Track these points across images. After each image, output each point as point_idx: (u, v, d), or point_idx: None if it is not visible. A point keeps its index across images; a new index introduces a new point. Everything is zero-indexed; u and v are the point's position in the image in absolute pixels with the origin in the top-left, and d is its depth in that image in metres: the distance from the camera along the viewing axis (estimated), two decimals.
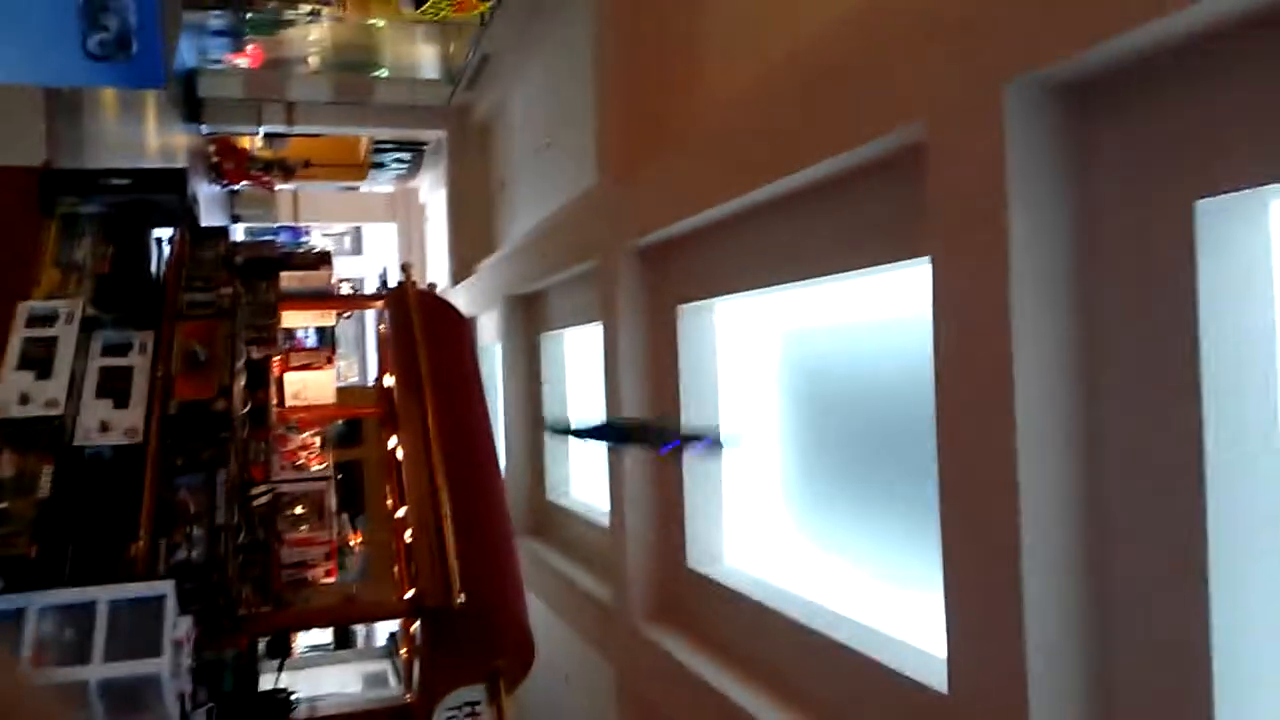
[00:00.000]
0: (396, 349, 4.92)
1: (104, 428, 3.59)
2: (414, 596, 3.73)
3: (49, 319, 3.76)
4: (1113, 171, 2.77)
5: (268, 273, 4.79)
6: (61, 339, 3.69)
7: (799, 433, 4.96)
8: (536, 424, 9.32)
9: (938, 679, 3.51)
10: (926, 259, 3.28)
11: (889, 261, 3.86)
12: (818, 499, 4.75)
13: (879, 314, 4.31)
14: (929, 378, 3.21)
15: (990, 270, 2.94)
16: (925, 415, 3.25)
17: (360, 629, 16.09)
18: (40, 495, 3.22)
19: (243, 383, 4.07)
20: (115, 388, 3.76)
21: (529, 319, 9.49)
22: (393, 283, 5.43)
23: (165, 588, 3.09)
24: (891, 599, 4.07)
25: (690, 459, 4.94)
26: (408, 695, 4.26)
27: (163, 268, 4.47)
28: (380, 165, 14.40)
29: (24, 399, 3.48)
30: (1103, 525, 2.90)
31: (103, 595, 3.04)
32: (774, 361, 5.14)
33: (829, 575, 4.51)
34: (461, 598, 3.55)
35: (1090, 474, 2.89)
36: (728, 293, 5.22)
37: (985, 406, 2.94)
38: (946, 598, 3.17)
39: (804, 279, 4.48)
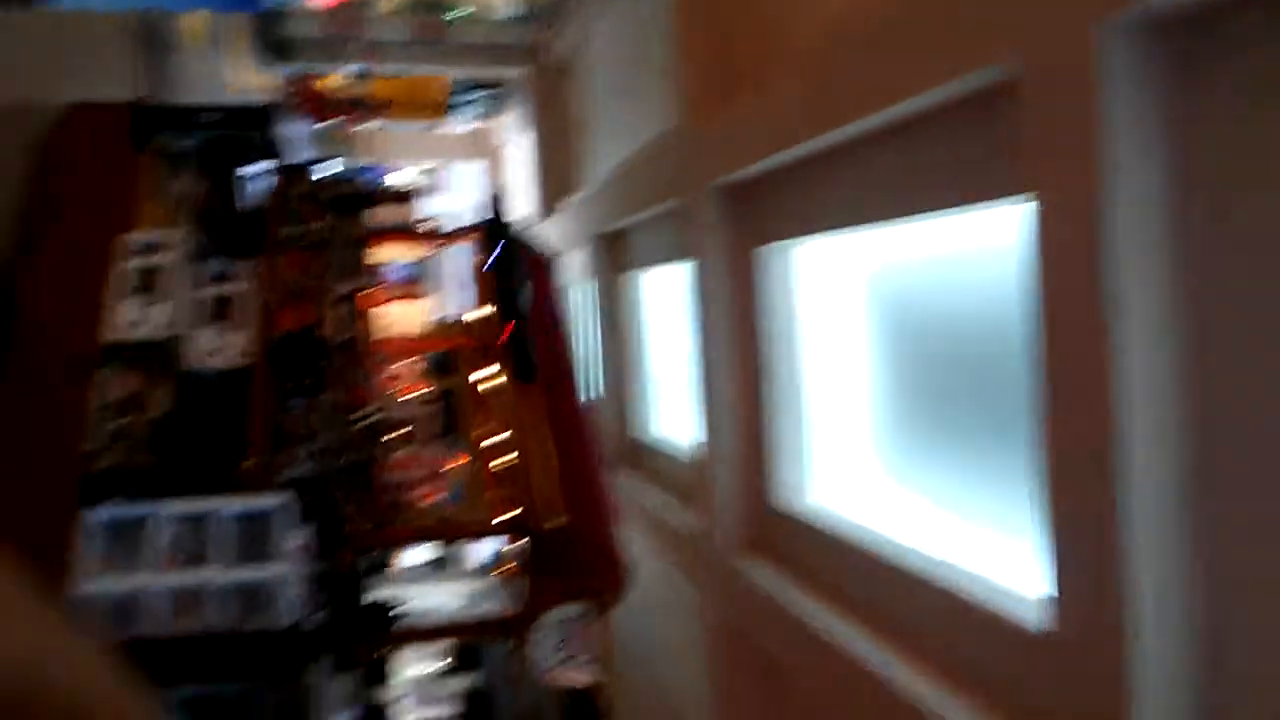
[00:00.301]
0: (483, 281, 4.98)
1: (212, 352, 3.73)
2: (512, 518, 3.81)
3: (154, 249, 3.90)
4: (1219, 109, 2.64)
5: (356, 208, 4.87)
6: (167, 267, 3.83)
7: (886, 373, 4.89)
8: (621, 361, 9.40)
9: (1033, 617, 3.47)
10: (1021, 198, 3.18)
11: (980, 201, 3.73)
12: (905, 440, 4.69)
13: (965, 246, 4.19)
14: (1018, 308, 3.13)
15: (1088, 210, 2.83)
16: (1016, 349, 3.17)
17: (456, 553, 16.58)
18: (154, 414, 3.35)
19: (339, 312, 4.17)
20: (220, 314, 3.89)
21: (614, 257, 9.51)
22: (478, 218, 5.48)
23: (281, 500, 3.22)
24: (977, 540, 4.01)
25: None
26: (506, 612, 4.39)
27: (256, 201, 4.58)
28: (459, 105, 14.47)
29: (135, 323, 3.62)
30: (1211, 464, 2.81)
31: (222, 505, 3.18)
32: (859, 301, 5.05)
33: (913, 513, 4.47)
34: (559, 520, 3.62)
35: (1200, 412, 2.80)
36: (809, 234, 5.14)
37: (1085, 342, 2.86)
38: (1045, 534, 3.12)
39: (889, 220, 4.37)
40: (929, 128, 4.00)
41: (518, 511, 3.79)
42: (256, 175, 4.77)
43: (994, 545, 3.89)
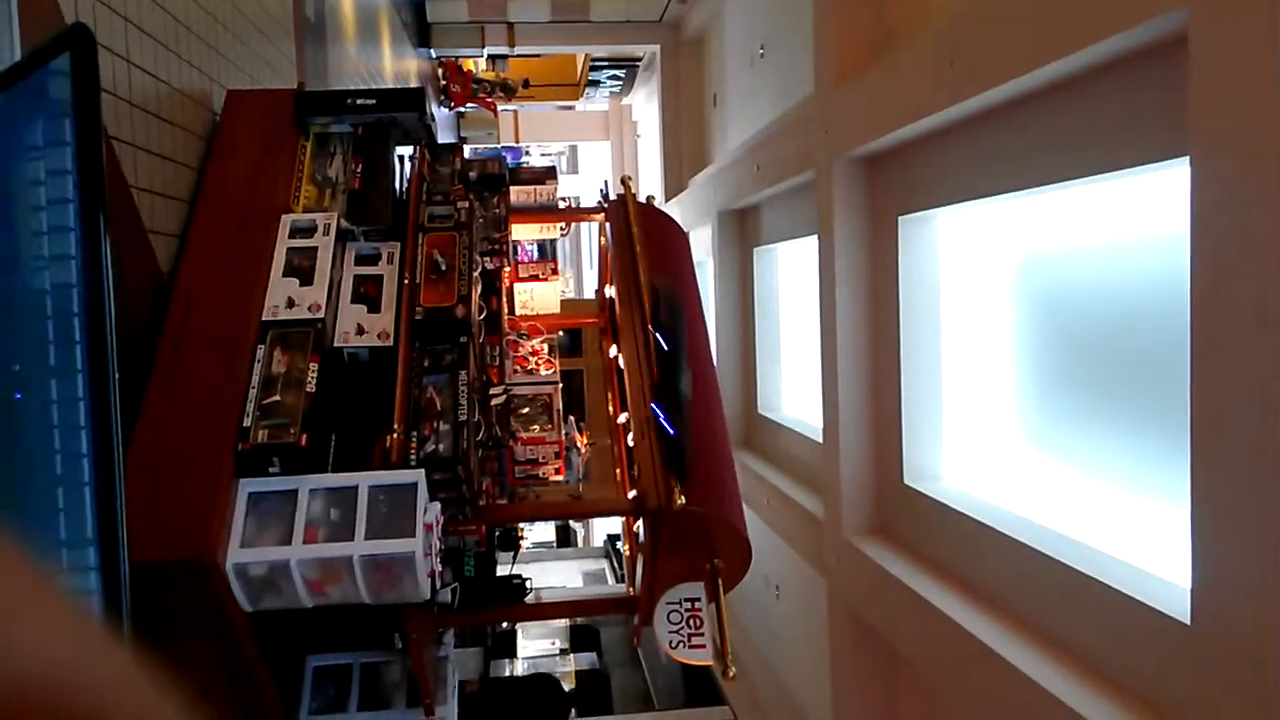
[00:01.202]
0: (617, 260, 5.03)
1: (359, 331, 3.90)
2: (637, 497, 3.87)
3: (309, 231, 4.08)
4: None
5: (497, 187, 4.99)
6: (320, 249, 4.00)
7: (1034, 351, 4.73)
8: (748, 339, 9.36)
9: (1178, 608, 3.34)
10: (1184, 160, 3.03)
11: (1138, 164, 3.58)
12: (1057, 418, 4.54)
13: (1124, 234, 4.01)
14: (1173, 293, 2.99)
15: (1258, 172, 2.67)
16: (1179, 337, 3.03)
17: (580, 531, 16.96)
18: (308, 390, 3.53)
19: (479, 291, 4.29)
20: (367, 294, 4.06)
21: (742, 233, 9.46)
22: (613, 196, 5.53)
23: (417, 476, 3.36)
24: (1134, 513, 3.86)
25: None
26: (630, 589, 4.47)
27: (405, 183, 4.74)
28: (595, 83, 14.59)
29: (290, 303, 3.82)
30: None
31: (363, 480, 3.34)
32: (1007, 285, 4.89)
33: (1065, 491, 4.33)
34: (681, 500, 3.66)
35: None
36: (954, 201, 5.00)
37: (1249, 315, 2.71)
38: (1194, 524, 2.99)
39: (1038, 185, 4.22)
40: (1079, 90, 3.84)
41: (637, 492, 3.84)
42: (407, 157, 4.95)
43: (1143, 513, 3.74)
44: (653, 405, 3.98)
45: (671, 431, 3.86)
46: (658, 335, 4.25)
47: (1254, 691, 2.77)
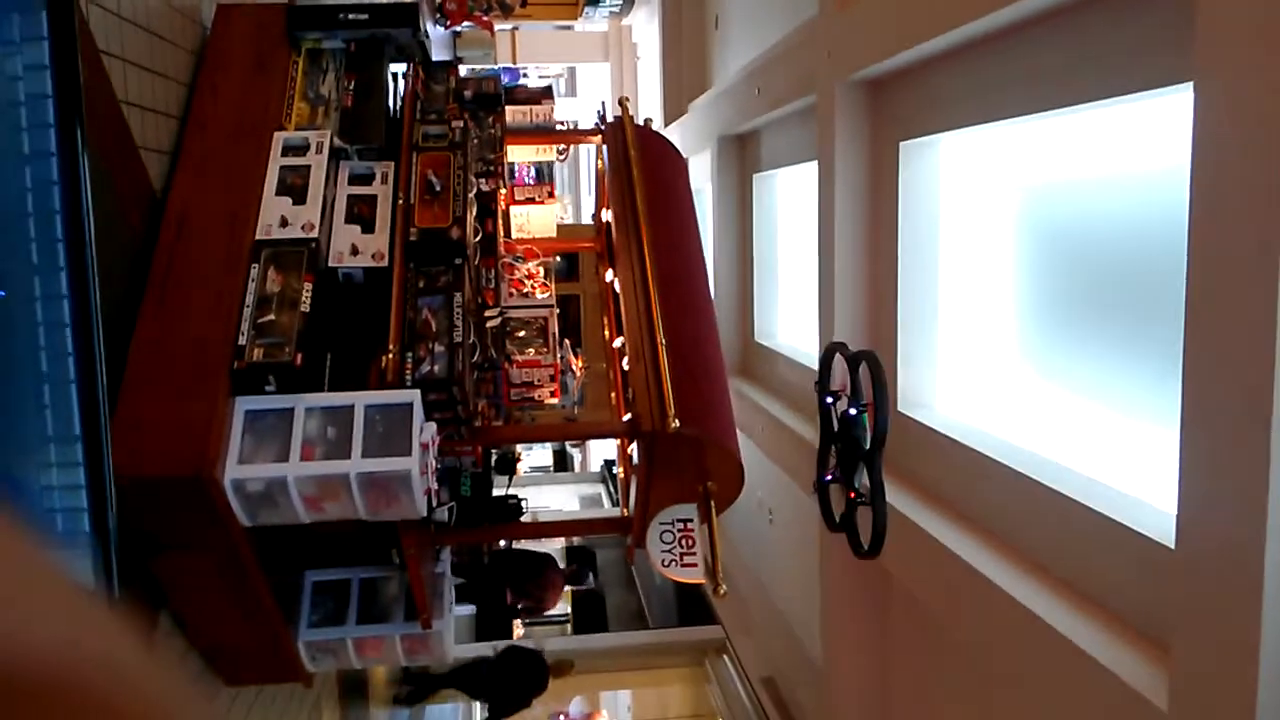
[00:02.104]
0: (613, 183, 4.98)
1: (354, 251, 3.88)
2: (631, 420, 3.90)
3: (302, 149, 4.03)
4: None
5: (493, 106, 4.92)
6: (314, 168, 3.96)
7: (1035, 279, 4.72)
8: (746, 266, 9.32)
9: (1164, 533, 3.39)
10: (1188, 85, 3.00)
11: (1142, 89, 3.53)
12: (1058, 344, 4.55)
13: (1126, 167, 3.98)
14: (1181, 229, 2.98)
15: (1263, 98, 2.64)
16: (1179, 266, 3.03)
17: (577, 456, 17.11)
18: (302, 310, 3.53)
19: (474, 213, 4.25)
20: (361, 214, 4.03)
21: (741, 159, 9.35)
22: (610, 118, 5.45)
23: (413, 396, 3.37)
24: (1129, 436, 3.90)
25: None
26: (624, 510, 4.53)
27: (399, 101, 4.67)
28: (595, 2, 14.27)
29: (284, 222, 3.79)
30: None
31: (360, 399, 3.36)
32: (1012, 211, 4.85)
33: (1064, 414, 4.36)
34: (675, 423, 3.68)
35: None
36: (956, 126, 4.94)
37: (1247, 241, 2.70)
38: (1182, 451, 3.02)
39: (1041, 110, 4.17)
40: (1083, 14, 3.77)
41: (632, 415, 3.87)
42: (398, 75, 4.86)
43: (1139, 436, 3.78)
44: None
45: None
46: None
47: (1235, 614, 2.83)
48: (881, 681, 6.33)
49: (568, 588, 7.34)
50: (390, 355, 3.53)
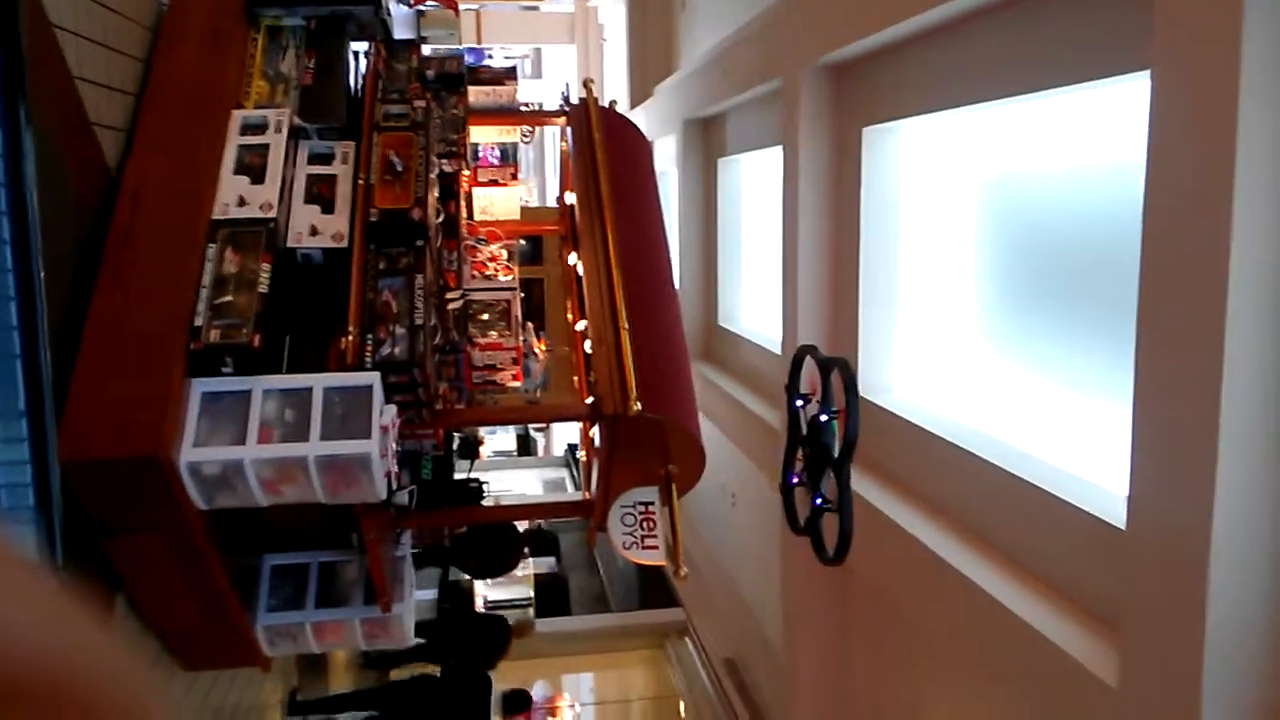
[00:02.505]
0: (578, 166, 4.96)
1: (313, 231, 3.84)
2: (593, 403, 3.90)
3: (260, 127, 3.98)
4: None
5: (456, 87, 4.87)
6: (272, 147, 3.91)
7: (1000, 267, 4.78)
8: (710, 250, 9.34)
9: (1116, 515, 3.46)
10: (1145, 73, 3.04)
11: (1101, 76, 3.58)
12: (1016, 326, 4.62)
13: (1084, 159, 4.04)
14: (1130, 213, 3.02)
15: (1218, 85, 2.68)
16: (1126, 251, 3.08)
17: (540, 441, 17.09)
18: (260, 290, 3.48)
19: (436, 194, 4.22)
20: (321, 194, 3.99)
21: (707, 143, 9.35)
22: (574, 100, 5.43)
23: (373, 378, 3.35)
24: (1086, 415, 3.96)
25: None
26: (585, 494, 4.54)
27: (360, 80, 4.62)
28: None
29: (241, 201, 3.74)
30: None
31: (319, 382, 3.33)
32: (974, 201, 4.90)
33: (1024, 395, 4.42)
34: (637, 406, 3.69)
35: None
36: (919, 112, 4.97)
37: (1200, 227, 2.75)
38: (1134, 434, 3.08)
39: (1002, 96, 4.21)
40: (1045, 1, 3.82)
41: (594, 398, 3.87)
42: (359, 53, 4.80)
43: (1096, 415, 3.84)
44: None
45: None
46: None
47: (1183, 594, 2.89)
48: (840, 663, 6.41)
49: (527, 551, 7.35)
50: (350, 337, 3.50)
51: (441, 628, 6.39)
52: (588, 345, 4.35)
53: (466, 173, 4.90)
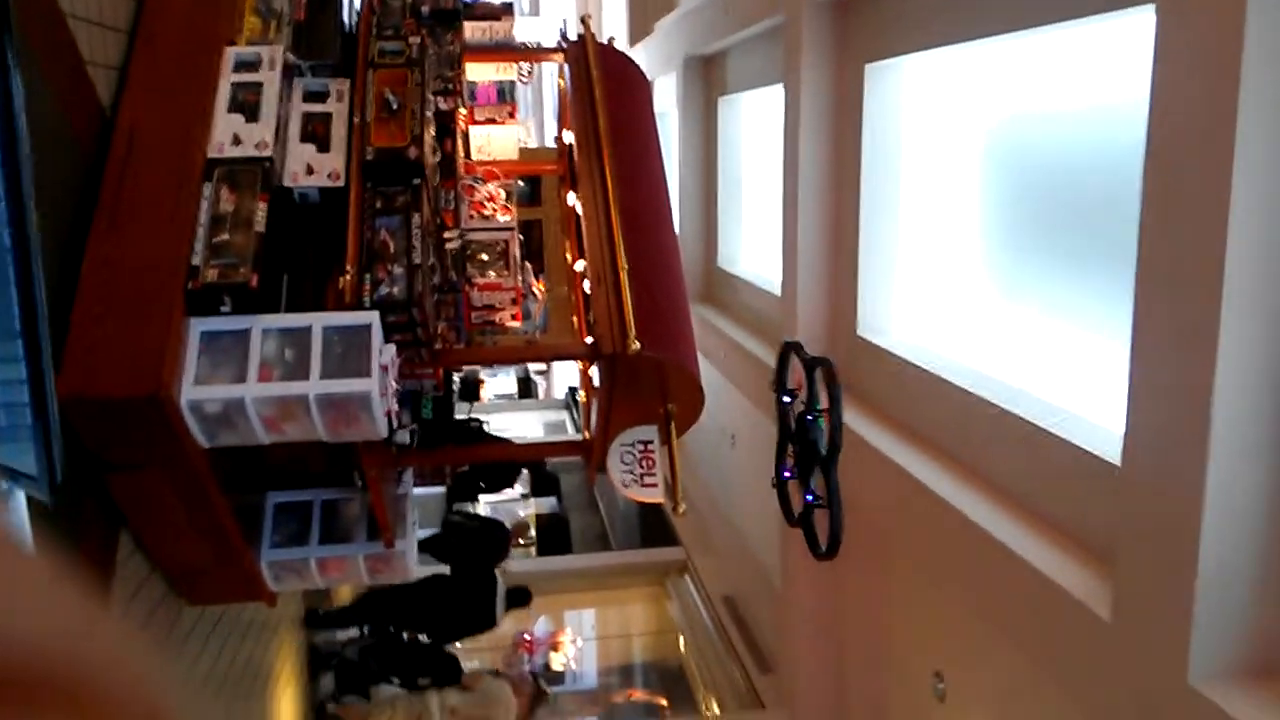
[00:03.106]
0: (575, 104, 4.91)
1: (309, 170, 3.80)
2: (592, 342, 3.90)
3: (253, 65, 3.92)
4: None
5: (451, 23, 4.80)
6: (266, 84, 3.86)
7: (1000, 208, 4.75)
8: (710, 191, 9.27)
9: (1111, 451, 3.48)
10: (1150, 6, 2.99)
11: (1106, 10, 3.52)
12: (1018, 264, 4.60)
13: (1082, 103, 3.99)
14: (1132, 154, 3.00)
15: (1223, 19, 2.65)
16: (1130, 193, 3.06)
17: (541, 384, 17.14)
18: (257, 230, 3.47)
19: (432, 132, 4.18)
20: (316, 133, 3.95)
21: (707, 81, 9.23)
22: (573, 37, 5.34)
23: (371, 317, 3.35)
24: (1081, 345, 3.97)
25: None
26: (585, 433, 4.56)
27: (354, 16, 4.54)
28: None
29: (236, 140, 3.70)
30: None
31: (318, 321, 3.33)
32: (981, 142, 4.85)
33: (1023, 332, 4.42)
34: (636, 345, 3.69)
35: None
36: (921, 47, 4.91)
37: (1202, 162, 2.73)
38: (1131, 368, 3.09)
39: (1007, 30, 4.15)
40: None
41: (593, 337, 3.87)
42: None
43: (1096, 352, 3.85)
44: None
45: None
46: None
47: (1177, 529, 2.93)
48: (836, 599, 6.50)
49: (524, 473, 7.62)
50: (348, 276, 3.49)
51: (449, 533, 6.62)
52: (586, 286, 4.35)
53: (463, 111, 4.85)
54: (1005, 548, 3.82)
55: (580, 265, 4.74)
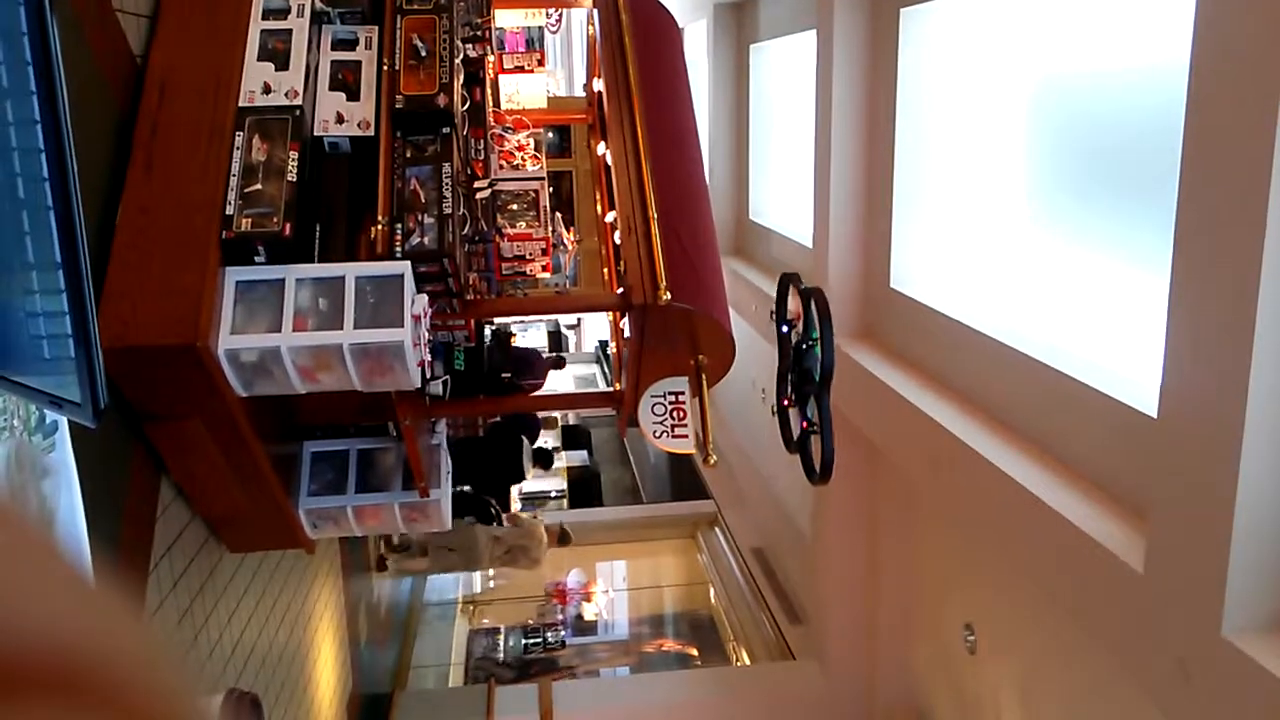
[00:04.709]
0: (605, 51, 4.84)
1: (339, 119, 3.79)
2: (623, 293, 3.89)
3: (282, 12, 3.89)
4: None
5: None
6: (295, 32, 3.83)
7: (1038, 152, 4.65)
8: (742, 141, 9.16)
9: (1147, 402, 3.44)
10: None
11: None
12: (1061, 221, 4.52)
13: (1127, 63, 3.88)
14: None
15: None
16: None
17: (571, 337, 17.19)
18: (289, 179, 3.47)
19: (461, 80, 4.14)
20: (346, 81, 3.93)
21: (739, 28, 9.09)
22: None
23: (403, 267, 3.36)
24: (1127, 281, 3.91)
25: None
26: (616, 385, 4.57)
27: None
28: None
29: (266, 88, 3.69)
30: None
31: (350, 271, 3.34)
32: (1014, 89, 4.74)
33: (1066, 287, 4.35)
34: (667, 296, 3.68)
35: None
36: None
37: (1244, 112, 2.65)
38: (1169, 320, 3.03)
39: None
40: None
41: (623, 288, 3.86)
42: None
43: (1138, 301, 3.78)
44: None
45: None
46: None
47: (1212, 482, 2.89)
48: (868, 550, 6.52)
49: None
50: (380, 227, 3.50)
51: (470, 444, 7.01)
52: (617, 237, 4.32)
53: (491, 58, 4.80)
54: (1037, 499, 3.80)
55: (610, 216, 4.71)
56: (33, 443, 1.59)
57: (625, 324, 4.14)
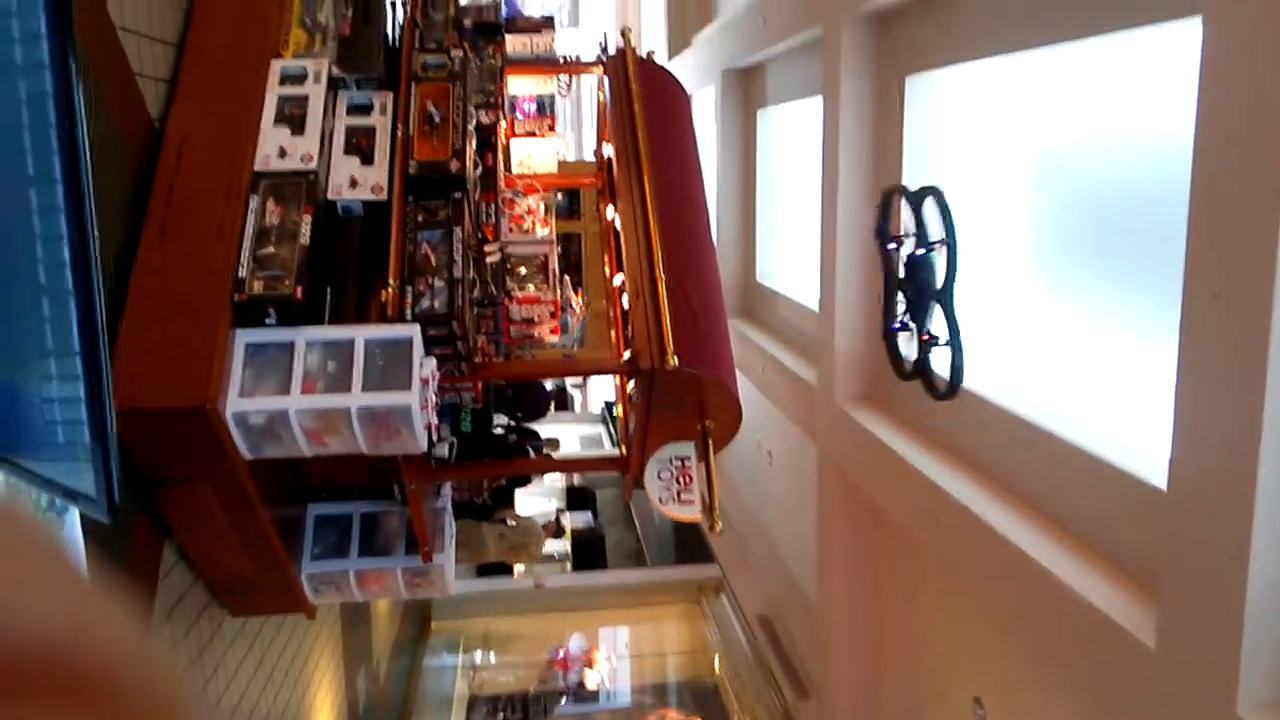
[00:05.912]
0: (615, 117, 4.92)
1: (353, 183, 3.84)
2: (630, 357, 3.90)
3: (299, 78, 3.97)
4: None
5: (493, 35, 4.84)
6: (311, 97, 3.90)
7: (1041, 216, 4.68)
8: (749, 205, 9.25)
9: (1156, 475, 3.41)
10: (1197, 18, 2.94)
11: (1151, 21, 3.47)
12: (1066, 289, 4.52)
13: (1130, 132, 3.92)
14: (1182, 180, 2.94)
15: (1271, 30, 2.59)
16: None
17: (577, 398, 17.17)
18: (302, 242, 3.50)
19: (474, 146, 4.20)
20: (360, 146, 3.99)
21: (746, 94, 9.23)
22: (612, 50, 5.36)
23: (412, 330, 3.37)
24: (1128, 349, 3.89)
25: None
26: (622, 449, 4.55)
27: (397, 29, 4.59)
28: None
29: (282, 152, 3.75)
30: None
31: (359, 333, 3.36)
32: (1015, 151, 4.79)
33: (1071, 349, 4.34)
34: (674, 360, 3.68)
35: None
36: (963, 59, 4.86)
37: (1251, 178, 2.67)
38: (1178, 393, 3.02)
39: (1049, 42, 4.10)
40: None
41: (631, 353, 3.87)
42: (396, 2, 4.77)
43: (1144, 374, 3.76)
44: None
45: None
46: None
47: (1224, 556, 2.85)
48: (874, 619, 6.42)
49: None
50: (390, 290, 3.52)
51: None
52: (625, 300, 4.35)
53: (504, 124, 4.88)
54: (1045, 570, 3.75)
55: (618, 279, 4.74)
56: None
57: (632, 388, 4.14)
